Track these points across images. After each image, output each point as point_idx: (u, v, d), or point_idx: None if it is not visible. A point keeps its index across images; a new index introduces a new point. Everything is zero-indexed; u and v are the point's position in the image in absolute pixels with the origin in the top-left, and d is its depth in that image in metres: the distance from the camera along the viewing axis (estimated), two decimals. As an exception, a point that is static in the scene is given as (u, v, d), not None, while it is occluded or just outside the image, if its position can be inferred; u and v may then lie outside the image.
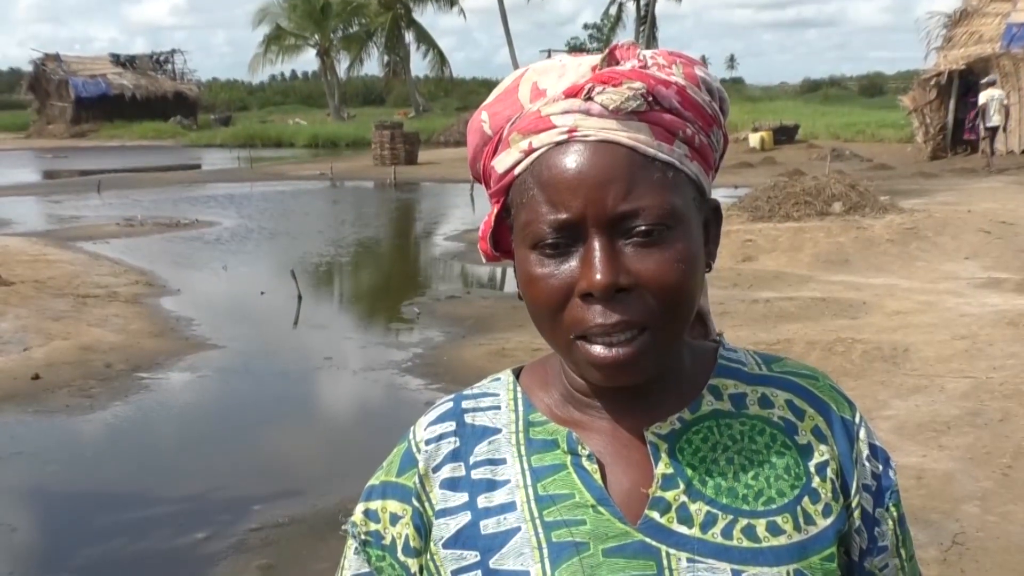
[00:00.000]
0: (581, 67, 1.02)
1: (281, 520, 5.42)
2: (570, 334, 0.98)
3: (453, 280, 13.43)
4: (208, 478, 6.14)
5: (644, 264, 0.96)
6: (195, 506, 5.68)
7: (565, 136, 0.97)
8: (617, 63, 1.01)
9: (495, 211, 1.06)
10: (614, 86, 0.97)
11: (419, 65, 59.25)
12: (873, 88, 75.61)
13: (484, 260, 1.13)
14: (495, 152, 1.04)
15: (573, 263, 0.97)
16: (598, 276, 0.94)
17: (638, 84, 0.97)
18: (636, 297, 0.96)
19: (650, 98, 0.97)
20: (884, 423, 6.25)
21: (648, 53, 1.02)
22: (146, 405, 7.69)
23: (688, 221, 1.00)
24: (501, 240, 1.09)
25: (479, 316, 10.30)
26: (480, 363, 8.05)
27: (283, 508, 5.56)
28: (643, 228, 0.96)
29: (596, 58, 1.02)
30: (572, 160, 0.96)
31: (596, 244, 0.96)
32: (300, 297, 11.39)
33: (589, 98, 0.97)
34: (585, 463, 1.05)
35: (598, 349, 0.97)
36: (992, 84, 23.48)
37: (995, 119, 23.18)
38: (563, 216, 0.96)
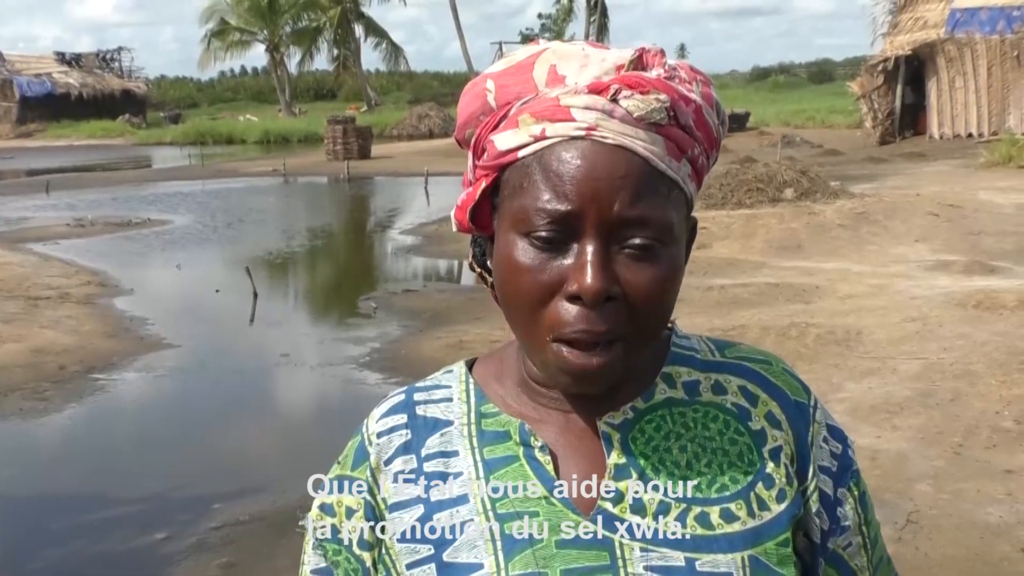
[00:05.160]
0: (605, 63, 0.99)
1: (242, 518, 5.39)
2: (549, 334, 0.97)
3: (409, 274, 13.39)
4: (167, 478, 6.08)
5: (635, 277, 0.95)
6: (154, 506, 5.63)
7: (583, 132, 0.95)
8: (644, 68, 0.99)
9: (483, 186, 1.03)
10: (641, 93, 0.95)
11: (372, 59, 58.98)
12: (822, 75, 76.14)
13: (455, 228, 1.09)
14: (496, 126, 1.00)
15: (564, 261, 0.96)
16: (590, 281, 0.93)
17: (664, 96, 0.96)
18: (620, 308, 0.95)
19: (672, 112, 0.96)
20: (838, 406, 6.32)
21: (673, 63, 1.01)
22: (102, 406, 7.61)
23: (679, 239, 1.00)
24: (479, 215, 1.05)
25: (436, 309, 10.28)
26: (438, 356, 8.03)
27: (243, 506, 5.53)
28: (640, 241, 0.95)
29: (619, 54, 1.00)
30: (586, 158, 0.95)
31: (591, 247, 0.94)
32: (256, 294, 11.30)
33: (614, 99, 0.95)
34: (538, 454, 1.04)
35: (574, 357, 0.96)
36: None
37: None
38: (565, 208, 0.94)
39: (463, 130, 1.06)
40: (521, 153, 0.98)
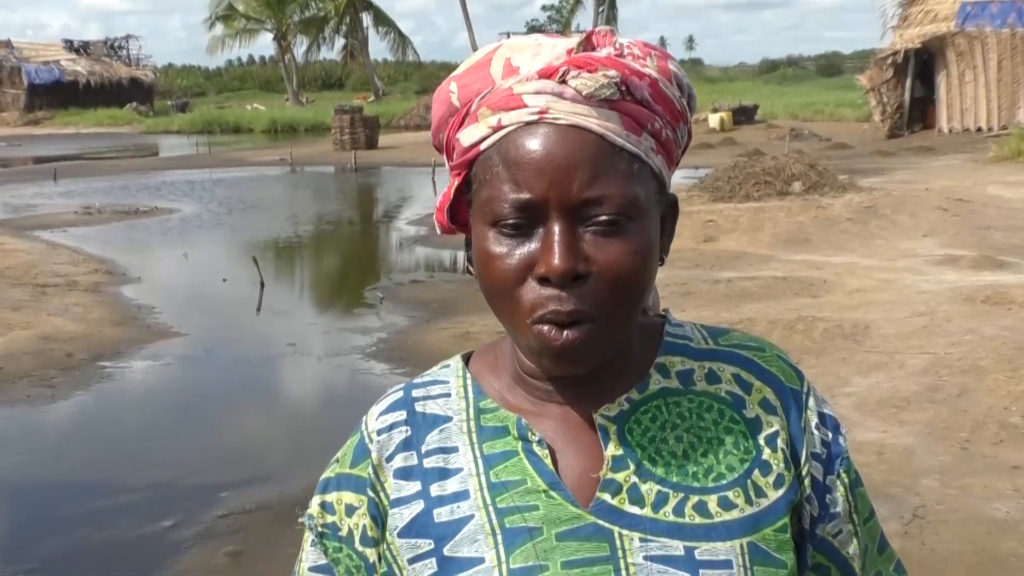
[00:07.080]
0: (556, 48, 1.00)
1: (248, 506, 5.41)
2: (527, 317, 0.98)
3: (416, 264, 13.40)
4: (174, 466, 6.10)
5: (603, 253, 0.96)
6: (161, 494, 5.65)
7: (535, 117, 0.96)
8: (594, 48, 1.00)
9: (456, 184, 1.05)
10: (589, 72, 0.96)
11: (379, 48, 59.04)
12: (831, 68, 76.12)
13: (439, 231, 1.12)
14: (461, 124, 1.02)
15: (532, 245, 0.97)
16: (556, 261, 0.94)
17: (613, 72, 0.96)
18: (591, 285, 0.96)
19: (623, 88, 0.97)
20: (845, 400, 6.32)
21: (624, 42, 1.01)
22: (109, 394, 7.63)
23: (648, 214, 1.00)
24: (458, 213, 1.08)
25: (443, 300, 10.29)
26: (445, 347, 8.04)
27: (250, 494, 5.55)
28: (605, 217, 0.96)
29: (572, 41, 1.01)
30: (541, 141, 0.96)
31: (557, 228, 0.96)
32: (262, 283, 11.32)
33: (563, 81, 0.96)
34: (536, 448, 1.05)
35: (550, 336, 0.97)
36: None
37: None
38: (526, 196, 0.96)
39: (437, 135, 1.08)
40: (483, 146, 1.00)
